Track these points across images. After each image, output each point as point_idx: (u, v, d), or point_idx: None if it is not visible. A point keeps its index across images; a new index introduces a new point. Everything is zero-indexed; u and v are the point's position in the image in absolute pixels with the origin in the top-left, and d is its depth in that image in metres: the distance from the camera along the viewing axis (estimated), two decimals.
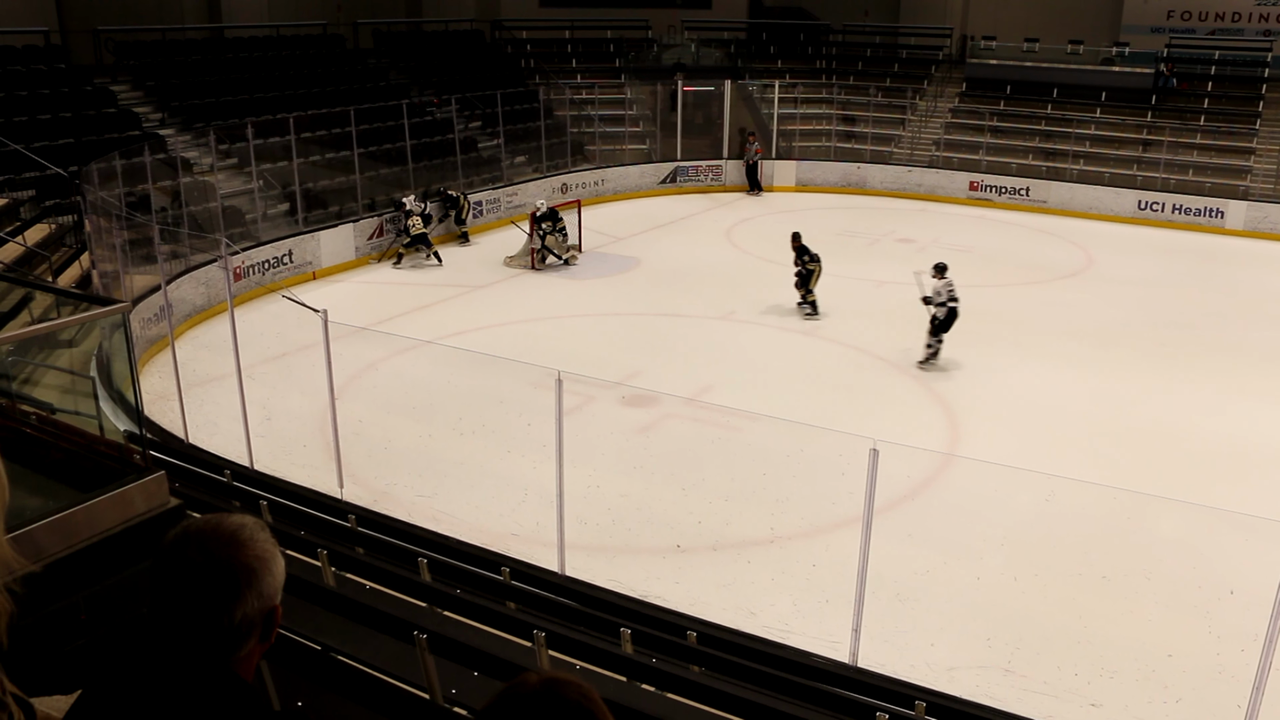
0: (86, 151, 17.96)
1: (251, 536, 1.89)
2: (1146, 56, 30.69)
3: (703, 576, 10.06)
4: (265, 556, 1.89)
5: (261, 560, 1.88)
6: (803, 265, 18.36)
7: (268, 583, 1.89)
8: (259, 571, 1.88)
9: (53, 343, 10.53)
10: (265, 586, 1.88)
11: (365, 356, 15.39)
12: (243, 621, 1.86)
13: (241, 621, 1.86)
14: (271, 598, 1.90)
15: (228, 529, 1.89)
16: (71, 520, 4.61)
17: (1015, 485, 11.57)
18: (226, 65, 25.25)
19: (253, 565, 1.87)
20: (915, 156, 30.90)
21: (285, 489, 10.14)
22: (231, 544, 1.87)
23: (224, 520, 1.91)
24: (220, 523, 1.90)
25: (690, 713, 5.76)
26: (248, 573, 1.86)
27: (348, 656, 5.35)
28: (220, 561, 1.85)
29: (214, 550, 1.85)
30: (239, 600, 1.85)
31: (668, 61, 33.82)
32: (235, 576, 1.85)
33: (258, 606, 1.88)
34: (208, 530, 1.88)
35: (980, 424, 13.83)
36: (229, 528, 1.89)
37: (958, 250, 23.56)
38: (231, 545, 1.86)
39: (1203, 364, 16.33)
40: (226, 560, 1.85)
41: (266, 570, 1.89)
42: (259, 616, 1.89)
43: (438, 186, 23.19)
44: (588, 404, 13.89)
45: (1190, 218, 26.80)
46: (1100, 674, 8.66)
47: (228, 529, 1.89)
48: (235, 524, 1.90)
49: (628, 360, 15.94)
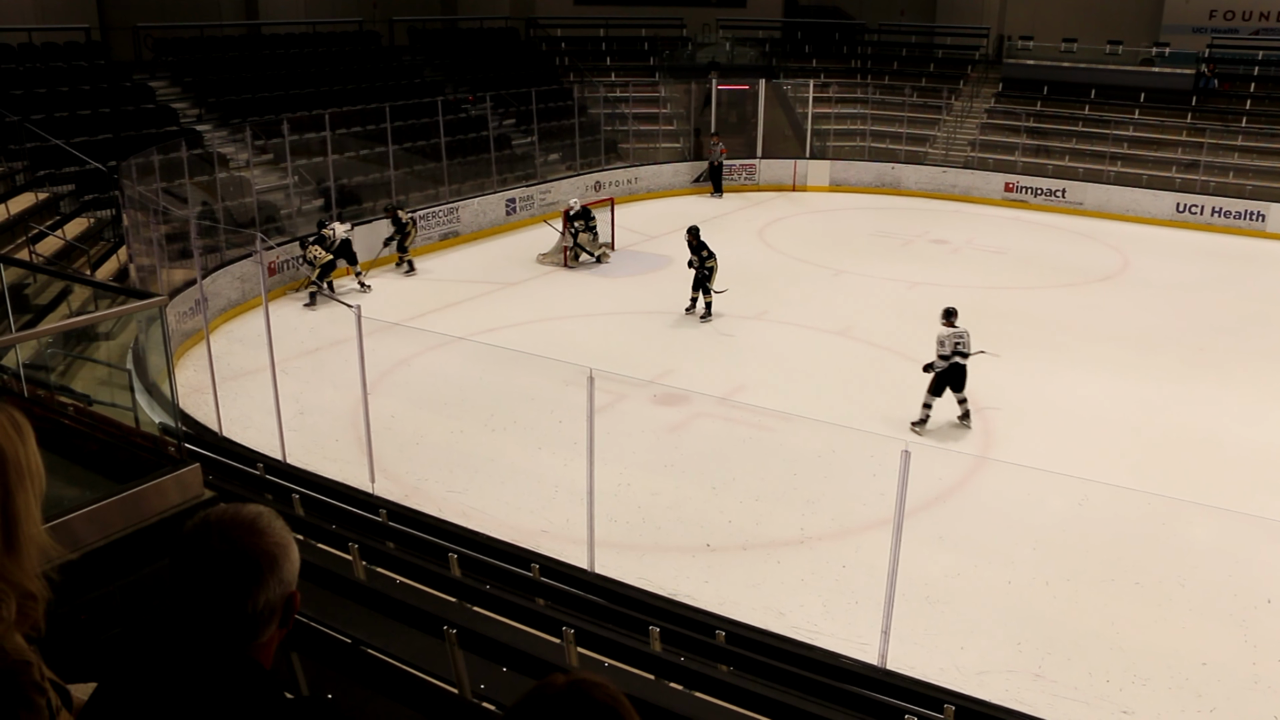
0: (125, 147, 18.18)
1: (269, 524, 1.93)
2: (1187, 57, 30.32)
3: (732, 576, 10.04)
4: (283, 543, 1.93)
5: (280, 547, 1.92)
6: (701, 263, 17.69)
7: (287, 568, 1.92)
8: (279, 558, 1.91)
9: (90, 335, 10.68)
10: (285, 572, 1.92)
11: (398, 352, 15.47)
12: (265, 607, 1.90)
13: (264, 607, 1.89)
14: (290, 583, 1.94)
15: (246, 517, 1.92)
16: (108, 511, 4.66)
17: (1048, 489, 11.46)
18: (263, 62, 25.49)
19: (273, 552, 1.90)
20: (950, 157, 30.69)
21: (317, 483, 10.21)
22: (252, 531, 1.90)
23: (241, 509, 1.94)
24: (238, 511, 1.93)
25: (718, 712, 5.74)
26: (269, 559, 1.89)
27: (378, 650, 5.38)
28: (242, 549, 1.88)
29: (235, 538, 1.88)
30: (262, 586, 1.88)
31: (702, 60, 33.78)
32: (257, 563, 1.88)
33: (279, 592, 1.91)
34: (227, 519, 1.91)
35: (1013, 427, 13.72)
36: (247, 516, 1.93)
37: (992, 252, 23.42)
38: (252, 533, 1.90)
39: (1242, 369, 16.11)
40: (248, 547, 1.88)
41: (285, 557, 1.92)
42: (279, 602, 1.92)
43: (390, 203, 21.38)
44: (619, 402, 13.89)
45: (1230, 220, 26.45)
46: (1132, 681, 8.57)
47: (246, 517, 1.92)
48: (253, 512, 1.94)
49: (659, 359, 15.93)
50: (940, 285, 20.04)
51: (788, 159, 30.63)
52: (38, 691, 1.92)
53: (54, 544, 2.03)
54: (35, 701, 1.91)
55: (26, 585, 1.97)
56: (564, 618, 6.37)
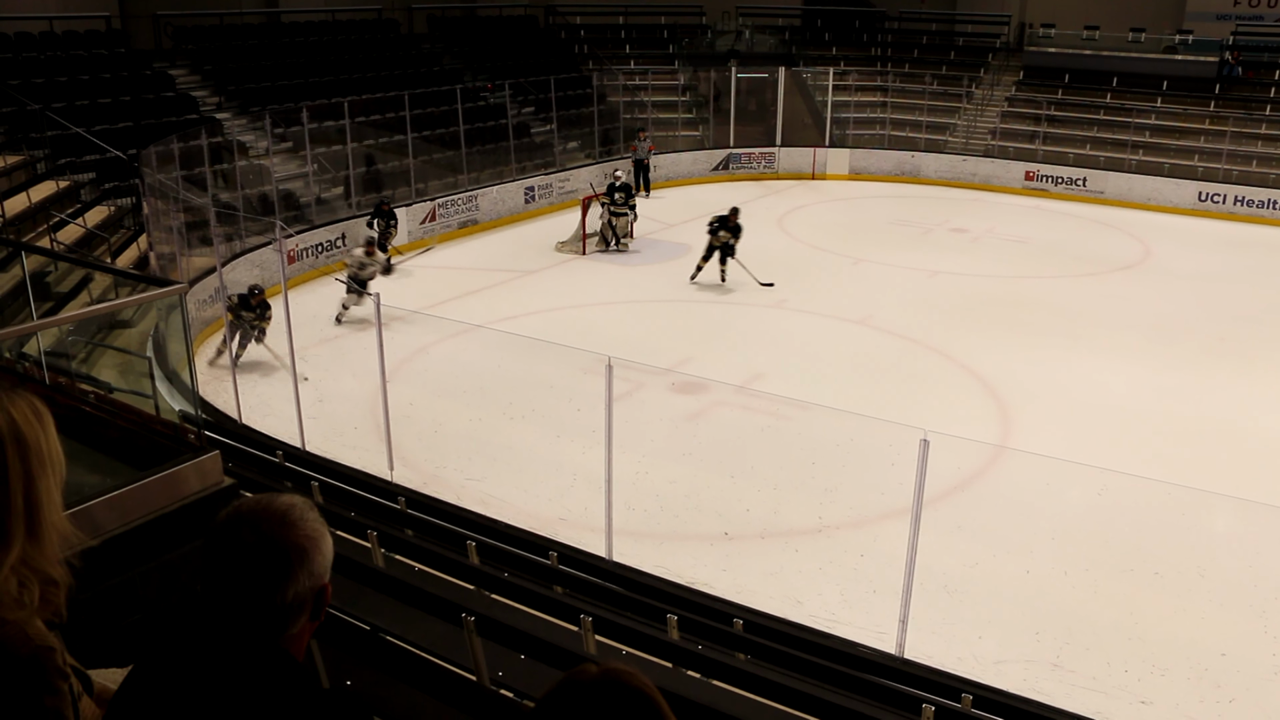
0: (145, 135, 18.25)
1: (302, 516, 1.91)
2: (1211, 45, 30.04)
3: (750, 565, 10.04)
4: (315, 536, 1.91)
5: (312, 540, 1.91)
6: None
7: (318, 561, 1.91)
8: (310, 551, 1.90)
9: (111, 322, 10.73)
10: (316, 565, 1.91)
11: (417, 340, 15.51)
12: (294, 600, 1.88)
13: (293, 600, 1.88)
14: (321, 576, 1.92)
15: (279, 509, 1.91)
16: (128, 497, 4.68)
17: (1067, 479, 11.41)
18: (282, 50, 25.53)
19: (304, 544, 1.89)
20: (970, 145, 30.53)
21: (336, 470, 10.24)
22: (283, 524, 1.89)
23: (274, 500, 1.93)
24: (271, 503, 1.92)
25: (736, 700, 5.74)
26: (299, 552, 1.88)
27: (396, 637, 5.40)
28: (272, 541, 1.87)
29: (266, 530, 1.87)
30: (291, 579, 1.87)
31: (721, 48, 33.67)
32: (287, 555, 1.87)
33: (309, 585, 1.90)
34: (259, 510, 1.90)
35: (1032, 416, 13.66)
36: (280, 507, 1.91)
37: (1013, 240, 23.30)
38: (283, 525, 1.89)
39: (1264, 360, 15.98)
40: (279, 540, 1.87)
41: (316, 549, 1.91)
42: (310, 595, 1.91)
43: (385, 199, 20.80)
44: (637, 390, 13.89)
45: (1253, 210, 26.23)
46: (1151, 671, 8.53)
47: (279, 509, 1.91)
48: (285, 504, 1.93)
49: (678, 347, 15.92)
50: (961, 274, 19.96)
51: (807, 147, 30.53)
52: (60, 677, 1.93)
53: (75, 530, 2.04)
54: (58, 687, 1.93)
55: (49, 571, 1.98)
56: (582, 605, 6.37)
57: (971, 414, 13.61)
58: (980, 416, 13.59)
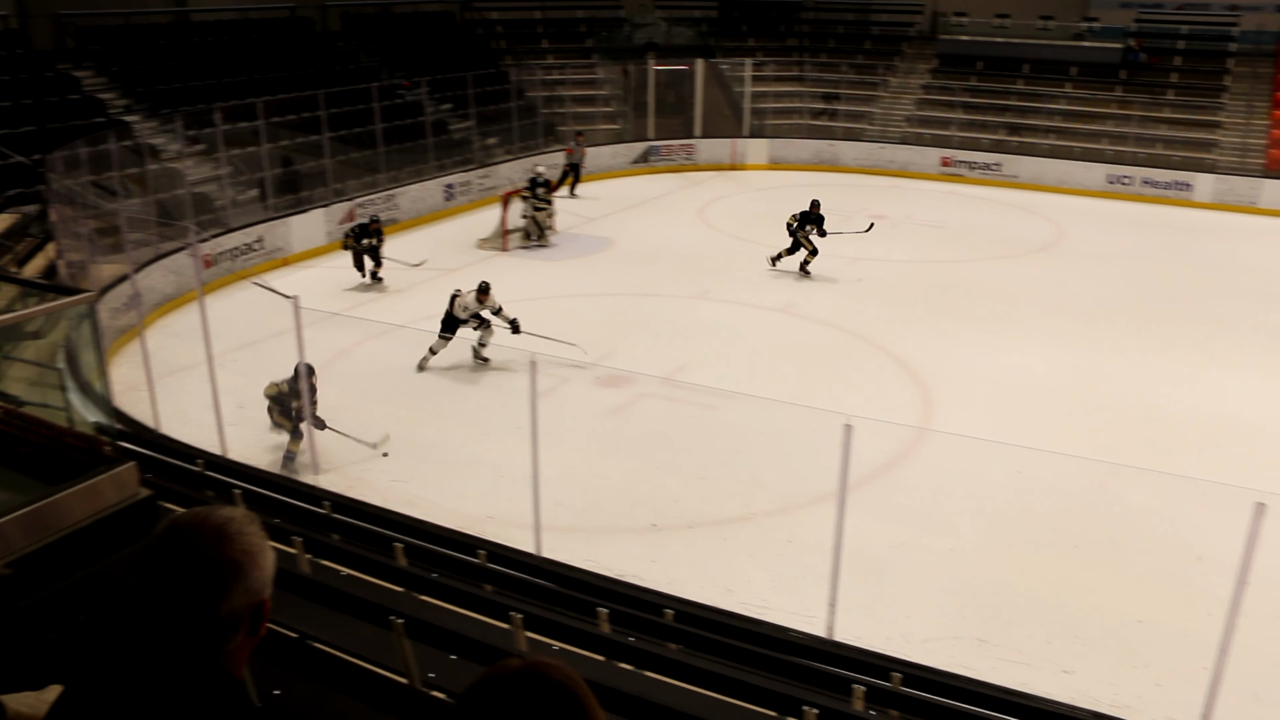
0: (50, 139, 17.74)
1: (240, 530, 1.88)
2: (1115, 31, 30.87)
3: (679, 555, 10.11)
4: (253, 550, 1.88)
5: (249, 554, 1.87)
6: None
7: (255, 577, 1.87)
8: (246, 565, 1.86)
9: (18, 335, 10.43)
10: (252, 581, 1.87)
11: (338, 342, 15.32)
12: (229, 615, 1.85)
13: (228, 615, 1.85)
14: (259, 592, 1.89)
15: (215, 522, 1.87)
16: (40, 514, 4.57)
17: (987, 458, 11.66)
18: (193, 50, 25.00)
19: (239, 559, 1.85)
20: (887, 133, 30.95)
21: (259, 477, 10.08)
22: (219, 538, 1.85)
23: (212, 513, 1.89)
24: (208, 516, 1.88)
25: (668, 690, 5.78)
26: (234, 567, 1.85)
27: (324, 643, 5.35)
28: (206, 556, 1.83)
29: (200, 544, 1.84)
30: (225, 594, 1.84)
31: (639, 41, 33.72)
32: (221, 570, 1.84)
33: (244, 600, 1.86)
34: (195, 524, 1.87)
35: (954, 398, 13.93)
36: (217, 521, 1.87)
37: (930, 225, 23.67)
38: (219, 539, 1.85)
39: (1174, 336, 16.48)
40: (213, 554, 1.84)
41: (254, 564, 1.87)
42: (246, 610, 1.87)
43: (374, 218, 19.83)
44: (562, 385, 13.89)
45: (1159, 190, 27.01)
46: (1072, 641, 8.77)
47: (215, 522, 1.87)
48: (224, 517, 1.89)
49: (602, 341, 15.92)
50: (880, 260, 20.24)
51: (726, 138, 30.71)
52: None
53: None
54: None
55: None
56: (512, 603, 6.37)
57: (895, 398, 13.83)
58: (903, 401, 13.81)
